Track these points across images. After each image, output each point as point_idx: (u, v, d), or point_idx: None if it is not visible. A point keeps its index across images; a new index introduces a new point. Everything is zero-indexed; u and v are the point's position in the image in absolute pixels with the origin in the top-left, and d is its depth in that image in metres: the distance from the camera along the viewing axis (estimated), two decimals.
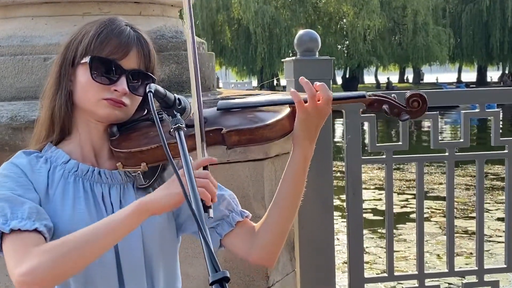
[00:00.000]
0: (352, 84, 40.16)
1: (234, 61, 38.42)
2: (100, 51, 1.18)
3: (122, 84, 1.18)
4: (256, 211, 2.27)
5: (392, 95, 1.29)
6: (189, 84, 2.47)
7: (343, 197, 2.68)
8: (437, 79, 45.76)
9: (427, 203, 8.63)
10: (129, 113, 1.23)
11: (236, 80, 46.16)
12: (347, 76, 42.96)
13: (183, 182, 0.97)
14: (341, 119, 2.63)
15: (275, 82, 42.08)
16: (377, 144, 2.66)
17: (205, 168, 1.15)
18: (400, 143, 2.67)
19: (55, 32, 2.34)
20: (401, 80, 49.34)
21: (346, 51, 39.60)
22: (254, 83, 46.22)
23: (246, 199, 2.27)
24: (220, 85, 44.25)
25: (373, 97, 1.25)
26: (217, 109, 1.25)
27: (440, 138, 2.73)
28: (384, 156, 2.69)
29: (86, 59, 1.18)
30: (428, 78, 51.16)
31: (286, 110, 1.22)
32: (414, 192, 2.85)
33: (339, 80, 47.44)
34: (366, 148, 2.74)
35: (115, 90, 1.18)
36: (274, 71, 36.85)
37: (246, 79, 44.77)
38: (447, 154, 2.74)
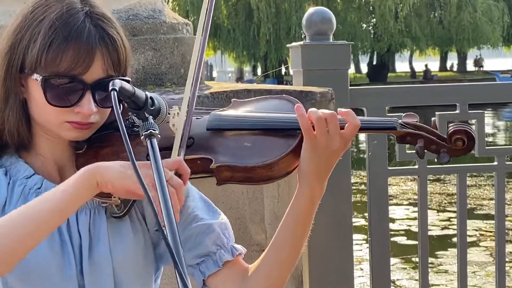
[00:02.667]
0: (380, 73, 40.13)
1: (231, 44, 38.41)
2: (54, 67, 1.17)
3: (88, 104, 1.18)
4: (254, 236, 2.28)
5: (433, 119, 1.28)
6: (169, 76, 2.48)
7: (367, 215, 2.68)
8: (475, 63, 45.06)
9: (474, 223, 8.60)
10: (99, 126, 1.25)
11: (235, 68, 46.21)
12: (374, 62, 42.93)
13: (157, 211, 0.97)
14: None
15: (283, 70, 42.03)
16: (407, 151, 2.66)
17: (180, 176, 1.14)
18: None
19: (2, 11, 2.35)
20: (443, 67, 49.26)
21: (373, 32, 39.58)
22: (258, 72, 46.20)
23: (241, 221, 2.29)
24: (214, 74, 44.35)
25: (407, 129, 1.24)
26: (207, 129, 1.26)
27: (489, 143, 2.74)
28: (416, 167, 2.69)
29: (37, 77, 1.18)
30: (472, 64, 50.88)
31: (297, 138, 1.23)
32: None
33: (364, 68, 47.38)
34: (394, 155, 2.74)
35: (79, 112, 1.19)
36: (282, 57, 36.84)
37: (246, 67, 44.82)
38: (495, 163, 2.74)
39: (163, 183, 1.02)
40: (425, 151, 1.23)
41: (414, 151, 1.25)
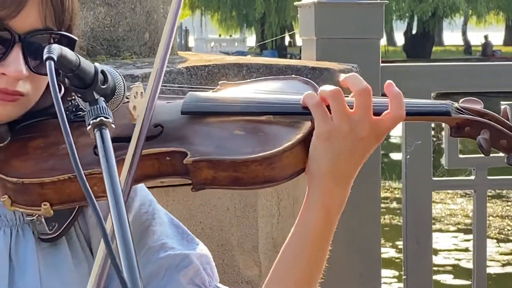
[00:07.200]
0: (421, 46, 40.30)
1: (215, 2, 38.51)
2: None
3: (15, 62, 1.18)
4: (243, 270, 2.28)
5: (503, 107, 1.25)
6: (129, 43, 2.47)
7: (401, 244, 2.69)
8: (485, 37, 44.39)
9: None
10: (30, 103, 1.24)
11: (220, 36, 46.31)
12: (414, 31, 43.10)
13: (105, 230, 0.95)
14: None
15: (286, 40, 42.09)
16: (460, 156, 2.67)
17: None
18: (500, 154, 2.67)
19: None
20: (509, 40, 49.49)
21: None
22: (251, 41, 46.29)
23: (225, 249, 2.28)
24: (191, 42, 44.36)
25: (465, 116, 1.23)
26: (182, 112, 1.25)
27: None
28: (472, 178, 2.70)
29: None
30: None
31: (309, 126, 1.22)
32: None
33: (399, 39, 47.53)
34: (441, 163, 2.74)
35: (3, 74, 1.18)
36: (286, 21, 36.95)
37: (236, 34, 44.90)
38: None
39: (117, 189, 1.01)
40: (491, 147, 1.22)
41: (477, 145, 1.22)
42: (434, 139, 2.76)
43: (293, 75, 1.40)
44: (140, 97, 1.20)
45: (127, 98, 1.19)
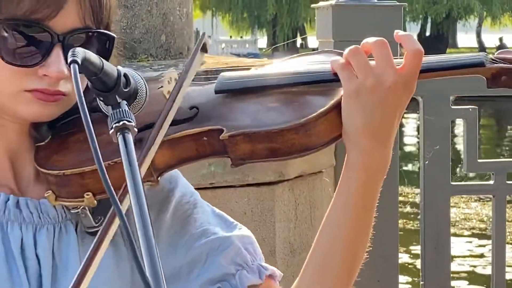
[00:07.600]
0: (435, 48, 40.13)
1: (227, 3, 38.50)
2: (10, 8, 1.17)
3: (57, 63, 1.19)
4: None
5: None
6: (145, 45, 2.48)
7: (417, 250, 2.68)
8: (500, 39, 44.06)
9: None
10: (72, 102, 1.25)
11: (231, 37, 46.28)
12: (428, 33, 43.05)
13: (129, 233, 0.96)
14: (414, 114, 2.65)
15: (298, 42, 42.05)
16: (479, 160, 2.66)
17: None
18: None
19: None
20: None
21: None
22: (262, 42, 46.26)
23: None
24: None
25: (500, 64, 1.26)
26: (216, 91, 1.28)
27: None
28: (491, 182, 2.69)
29: None
30: None
31: (339, 92, 1.24)
32: None
33: None
34: (459, 166, 2.73)
35: (45, 75, 1.19)
36: (298, 22, 36.92)
37: (247, 36, 44.85)
38: None
39: (139, 190, 1.01)
40: None
41: None
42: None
43: (325, 49, 1.43)
44: (173, 83, 1.22)
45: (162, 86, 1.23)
